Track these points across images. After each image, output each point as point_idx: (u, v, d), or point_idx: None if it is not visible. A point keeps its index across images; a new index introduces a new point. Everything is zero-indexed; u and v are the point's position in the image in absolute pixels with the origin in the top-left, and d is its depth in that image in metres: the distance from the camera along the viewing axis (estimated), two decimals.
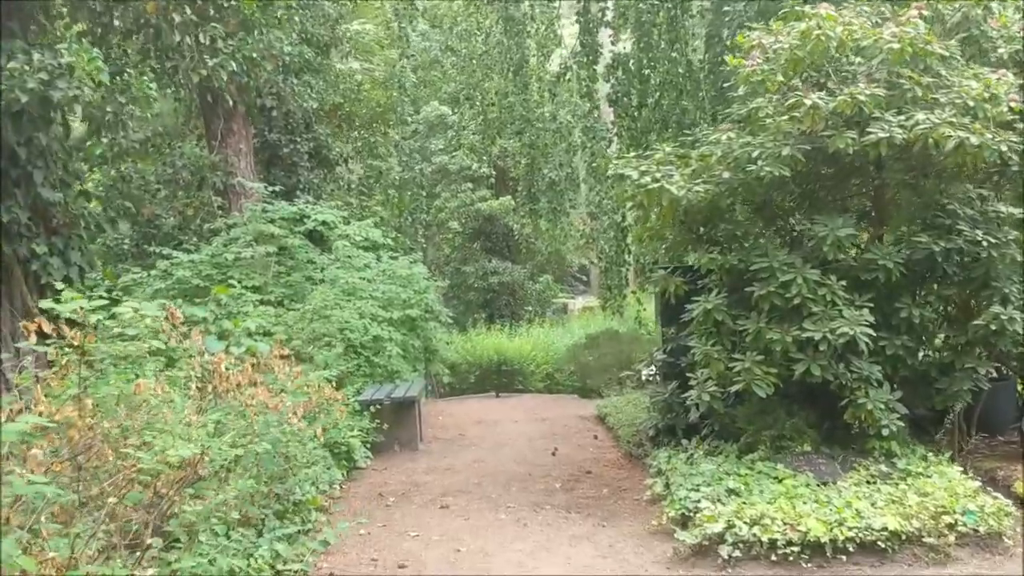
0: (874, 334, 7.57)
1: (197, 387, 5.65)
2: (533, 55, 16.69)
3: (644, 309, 18.63)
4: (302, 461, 6.85)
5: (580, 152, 16.18)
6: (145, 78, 10.03)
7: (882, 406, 7.71)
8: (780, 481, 7.43)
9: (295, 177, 15.09)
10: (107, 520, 4.63)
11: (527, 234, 27.16)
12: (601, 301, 32.39)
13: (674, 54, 16.68)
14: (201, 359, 5.86)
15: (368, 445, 10.16)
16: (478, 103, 17.23)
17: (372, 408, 10.42)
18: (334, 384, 8.59)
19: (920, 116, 7.43)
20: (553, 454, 10.44)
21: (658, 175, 8.31)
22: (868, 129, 7.54)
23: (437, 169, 26.81)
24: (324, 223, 12.58)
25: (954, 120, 7.38)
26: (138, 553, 4.78)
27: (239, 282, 11.71)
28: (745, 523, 6.52)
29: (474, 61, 17.28)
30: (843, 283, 7.80)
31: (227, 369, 5.87)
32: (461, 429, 12.25)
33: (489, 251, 25.94)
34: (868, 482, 7.39)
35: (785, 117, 7.89)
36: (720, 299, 8.16)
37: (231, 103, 13.70)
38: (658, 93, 16.93)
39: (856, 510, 6.66)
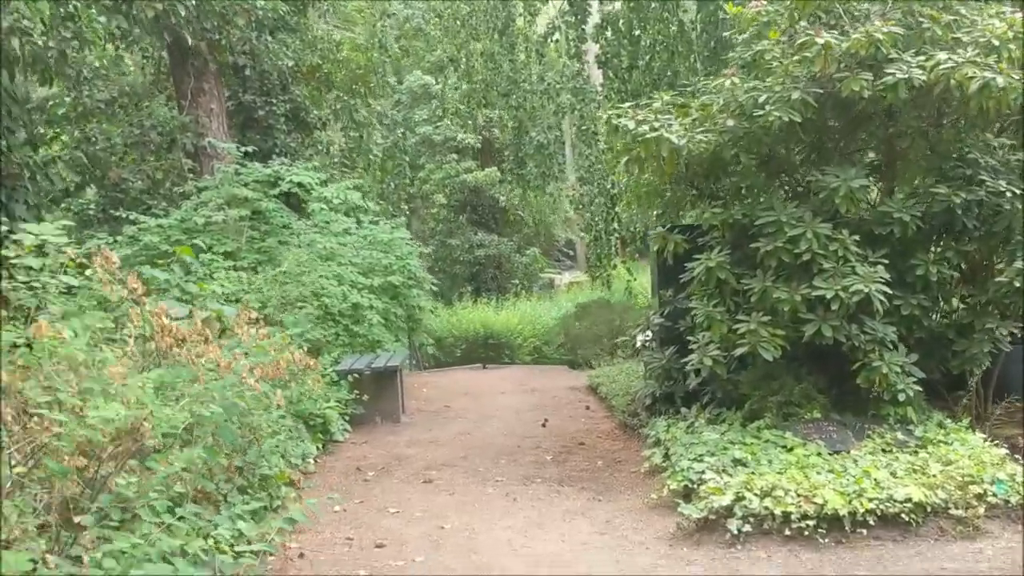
0: (890, 292, 7.01)
1: (135, 341, 4.98)
2: (520, 14, 16.00)
3: (634, 279, 18.11)
4: (268, 431, 6.21)
5: (569, 114, 15.52)
6: (93, 11, 9.30)
7: (898, 369, 7.18)
8: (790, 450, 6.88)
9: (271, 140, 14.39)
10: (37, 497, 4.04)
11: (514, 205, 26.59)
12: (589, 275, 32.04)
13: (665, 14, 16.05)
14: (141, 309, 5.19)
15: (347, 417, 9.57)
16: (463, 66, 16.52)
17: (351, 378, 9.83)
18: (305, 350, 7.94)
19: (942, 55, 6.83)
20: (543, 425, 9.88)
21: (656, 124, 7.70)
22: (886, 70, 6.94)
23: (421, 140, 26.26)
24: (300, 185, 11.90)
25: (978, 60, 6.79)
26: (75, 534, 4.19)
27: (209, 248, 11.06)
28: (755, 495, 5.96)
29: (459, 22, 16.57)
30: (855, 238, 7.23)
31: (171, 321, 5.23)
32: (446, 401, 11.67)
33: (475, 223, 25.50)
34: (884, 450, 6.86)
35: (796, 58, 7.28)
36: (723, 257, 7.58)
37: (203, 61, 13.01)
38: (649, 55, 16.30)
39: (875, 480, 6.12)
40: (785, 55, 7.50)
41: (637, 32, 16.30)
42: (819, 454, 6.77)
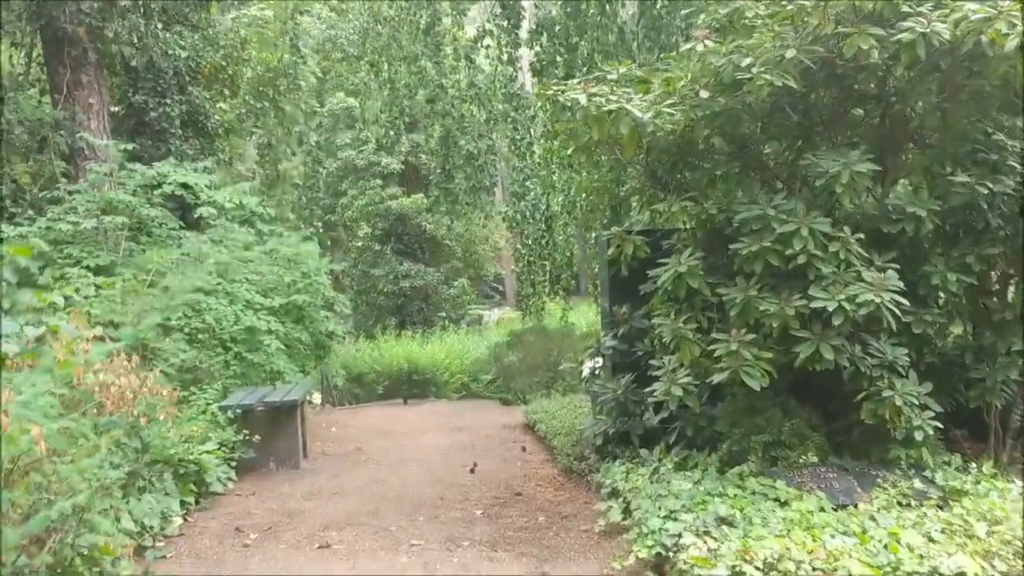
0: (905, 304, 5.60)
1: None
2: (446, 14, 14.51)
3: (570, 309, 16.75)
4: (89, 485, 4.47)
5: (501, 123, 14.05)
6: None
7: (913, 401, 5.76)
8: (784, 504, 5.42)
9: (164, 146, 12.60)
10: None
11: (441, 234, 25.18)
12: (520, 310, 30.54)
13: (604, 20, 14.74)
14: None
15: (233, 463, 7.84)
16: (384, 71, 14.95)
17: (239, 416, 8.12)
18: (154, 370, 6.18)
19: (972, 5, 5.49)
20: (472, 471, 8.24)
21: (612, 98, 6.24)
22: (902, 24, 5.57)
23: (344, 165, 24.80)
24: (185, 187, 10.16)
25: (1018, 12, 5.45)
26: None
27: (77, 262, 9.29)
28: (758, 569, 4.43)
29: (379, 24, 15.04)
30: (859, 236, 5.83)
31: None
32: (359, 442, 9.97)
33: (400, 253, 24.20)
34: (900, 503, 5.44)
35: (790, 7, 5.89)
36: (694, 261, 6.12)
37: (82, 50, 11.25)
38: (587, 65, 14.96)
39: (908, 546, 4.64)
40: (770, 12, 6.10)
41: (575, 39, 14.98)
42: (823, 509, 5.32)
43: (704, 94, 6.08)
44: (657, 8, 14.46)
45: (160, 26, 12.03)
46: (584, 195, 7.59)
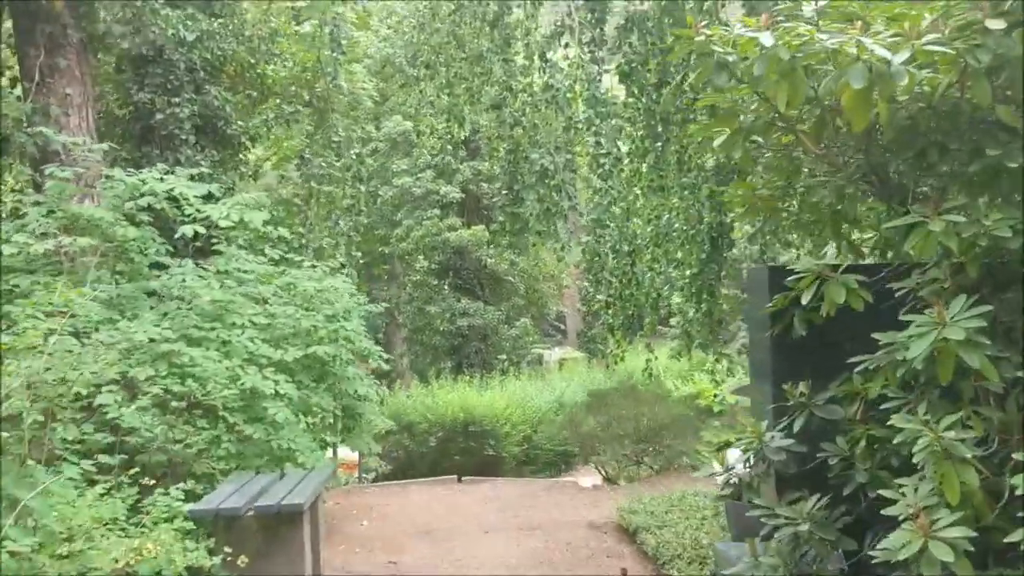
0: None
1: None
2: (518, 5, 12.03)
3: (654, 358, 14.18)
4: None
5: (584, 131, 11.46)
6: None
7: None
8: None
9: (173, 156, 10.28)
10: None
11: (503, 270, 22.87)
12: (586, 352, 27.86)
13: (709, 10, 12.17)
14: None
15: None
16: (443, 75, 12.52)
17: (219, 523, 5.60)
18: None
19: None
20: None
21: (822, 36, 3.64)
22: None
23: (400, 192, 23.25)
24: (170, 196, 7.69)
25: None
26: None
27: (25, 295, 6.90)
28: None
29: (437, 20, 12.64)
30: None
31: None
32: (395, 547, 7.35)
33: (458, 289, 22.59)
34: None
35: None
36: (972, 319, 3.45)
37: (60, 27, 8.97)
38: (682, 73, 12.37)
39: None
40: None
41: (670, 39, 12.36)
42: None
43: (996, 24, 3.43)
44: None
45: (162, 1, 9.70)
46: (739, 210, 4.87)
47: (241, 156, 11.50)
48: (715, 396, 13.22)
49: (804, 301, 4.15)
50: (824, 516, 4.46)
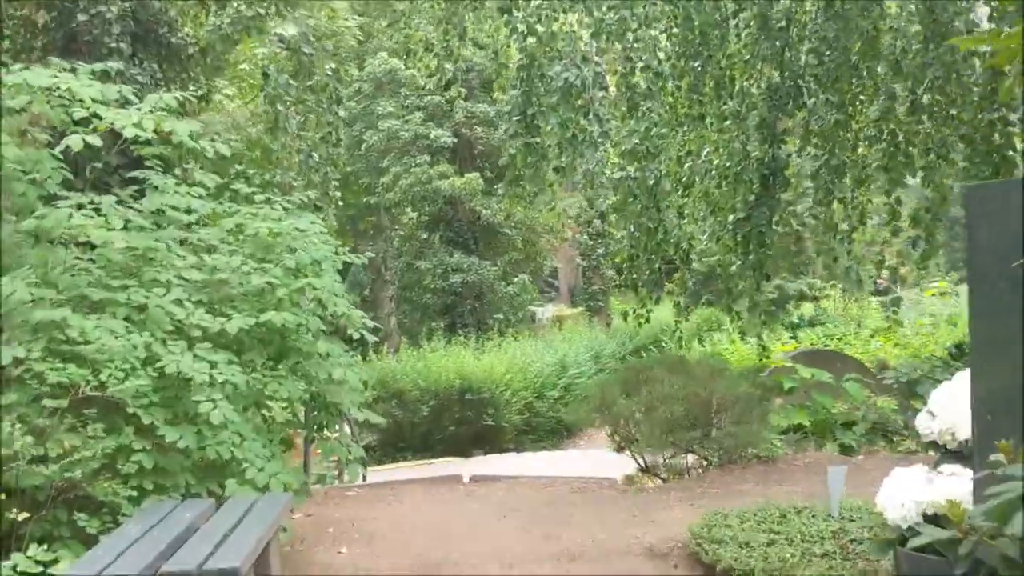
0: None
1: None
2: None
3: (684, 319, 12.36)
4: None
5: (617, 37, 9.15)
6: None
7: None
8: None
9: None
10: None
11: (499, 221, 20.89)
12: (586, 310, 25.87)
13: None
14: None
15: None
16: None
17: None
18: None
19: None
20: None
21: None
22: None
23: (386, 136, 21.56)
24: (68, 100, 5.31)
25: None
26: None
27: None
28: None
29: None
30: None
31: None
32: None
33: (450, 243, 21.19)
34: None
35: None
36: None
37: None
38: None
39: None
40: None
41: None
42: None
43: None
44: None
45: None
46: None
47: (190, 73, 9.25)
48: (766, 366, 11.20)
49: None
50: None
